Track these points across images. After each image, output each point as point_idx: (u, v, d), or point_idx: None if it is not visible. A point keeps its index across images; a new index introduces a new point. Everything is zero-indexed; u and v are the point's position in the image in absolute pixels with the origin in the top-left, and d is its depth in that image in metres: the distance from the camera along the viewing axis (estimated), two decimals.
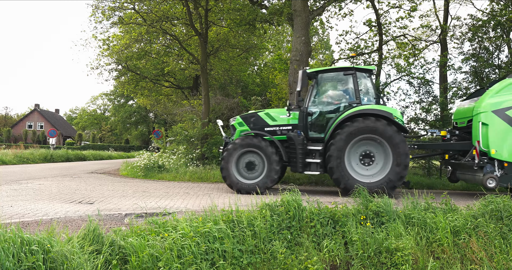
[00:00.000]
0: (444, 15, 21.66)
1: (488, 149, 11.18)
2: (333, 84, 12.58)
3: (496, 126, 11.19)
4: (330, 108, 12.20)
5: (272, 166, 11.53)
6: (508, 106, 11.21)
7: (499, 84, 11.85)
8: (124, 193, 10.64)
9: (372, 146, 11.33)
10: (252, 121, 12.56)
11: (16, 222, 6.23)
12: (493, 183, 10.92)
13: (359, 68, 12.08)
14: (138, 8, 23.28)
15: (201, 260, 5.66)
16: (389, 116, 11.05)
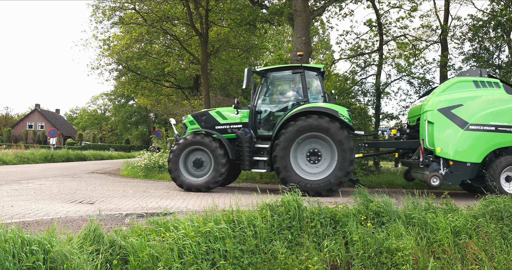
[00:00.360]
0: (444, 15, 21.67)
1: (433, 148, 11.21)
2: (282, 83, 12.80)
3: (441, 125, 11.22)
4: (279, 107, 12.39)
5: (218, 161, 11.64)
6: (454, 105, 11.25)
7: (446, 83, 11.91)
8: (125, 193, 10.64)
9: (318, 144, 11.49)
10: (203, 120, 12.73)
11: (17, 222, 6.23)
12: (437, 181, 10.94)
13: (308, 66, 12.21)
14: (139, 8, 23.31)
15: (202, 260, 5.66)
16: (334, 113, 11.16)
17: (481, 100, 11.26)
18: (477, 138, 11.07)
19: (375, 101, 21.58)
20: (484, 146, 11.09)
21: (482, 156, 11.11)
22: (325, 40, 46.21)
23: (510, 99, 11.30)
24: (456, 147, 11.07)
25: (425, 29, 23.69)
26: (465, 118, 11.10)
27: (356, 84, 22.81)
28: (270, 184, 14.51)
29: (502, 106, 11.20)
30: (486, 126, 11.06)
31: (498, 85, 11.49)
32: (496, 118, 11.09)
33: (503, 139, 11.10)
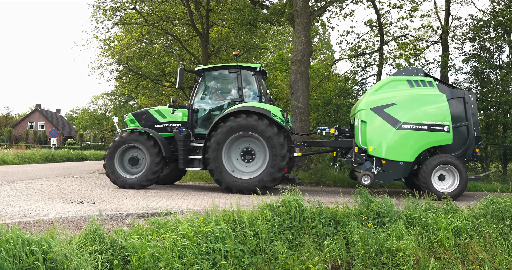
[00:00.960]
0: (445, 15, 21.66)
1: (366, 146, 11.28)
2: (218, 82, 12.97)
3: (374, 124, 11.29)
4: (215, 106, 12.56)
5: (151, 159, 11.81)
6: (387, 104, 11.31)
7: (380, 82, 11.98)
8: (125, 193, 10.65)
9: (252, 142, 11.69)
10: (143, 118, 12.92)
11: (17, 222, 6.23)
12: (368, 180, 11.03)
13: (244, 66, 12.36)
14: (139, 8, 23.33)
15: (203, 260, 5.65)
16: (266, 113, 11.25)
17: (414, 99, 11.37)
18: (409, 137, 11.13)
19: None
20: (417, 145, 11.14)
21: (414, 155, 11.18)
22: (325, 40, 46.20)
23: (443, 98, 11.36)
24: (389, 146, 11.14)
25: (426, 29, 23.70)
26: (397, 117, 11.18)
27: (357, 84, 22.81)
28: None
29: (435, 105, 11.28)
30: (418, 125, 11.12)
31: (431, 84, 11.58)
32: (428, 117, 11.17)
33: (435, 138, 11.17)
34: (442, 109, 11.20)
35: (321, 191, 12.84)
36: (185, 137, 11.97)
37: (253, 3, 20.18)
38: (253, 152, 11.68)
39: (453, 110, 11.49)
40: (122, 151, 12.20)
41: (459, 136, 11.55)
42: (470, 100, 11.64)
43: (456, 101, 11.65)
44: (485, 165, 18.64)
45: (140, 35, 23.99)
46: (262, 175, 11.25)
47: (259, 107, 11.41)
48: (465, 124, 11.59)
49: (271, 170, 11.19)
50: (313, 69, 23.22)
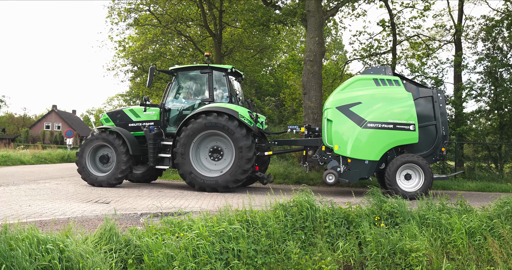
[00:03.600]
0: (458, 14, 21.49)
1: (332, 145, 11.27)
2: (190, 82, 13.21)
3: (340, 122, 11.30)
4: (186, 105, 12.78)
5: (119, 157, 12.06)
6: (352, 103, 11.30)
7: (347, 81, 11.97)
8: (140, 193, 10.74)
9: (221, 142, 11.92)
10: (118, 118, 13.27)
11: (34, 221, 6.33)
12: (333, 179, 11.13)
13: (215, 67, 12.53)
14: (153, 9, 23.50)
15: (216, 260, 5.70)
16: (234, 114, 11.40)
17: (380, 98, 11.35)
18: (374, 135, 11.11)
19: None
20: (382, 144, 11.14)
21: (380, 154, 11.17)
22: (337, 40, 46.05)
23: (409, 96, 11.32)
24: (354, 144, 11.15)
25: (439, 29, 23.52)
26: (363, 115, 11.17)
27: None
28: (283, 185, 14.52)
29: (400, 104, 11.26)
30: (384, 123, 11.10)
31: (398, 82, 11.53)
32: (394, 116, 11.13)
33: (401, 137, 11.12)
34: (408, 108, 11.17)
35: (333, 191, 12.83)
36: (155, 135, 12.21)
37: (265, 3, 20.21)
38: (221, 151, 11.96)
39: (421, 109, 11.49)
40: (93, 149, 12.56)
41: (428, 135, 11.55)
42: (438, 99, 11.60)
43: (424, 100, 11.63)
44: (499, 165, 18.47)
45: (154, 36, 24.16)
46: (226, 174, 11.45)
47: (227, 108, 11.60)
48: (434, 123, 11.55)
49: (235, 171, 11.39)
50: (325, 69, 23.18)
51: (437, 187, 14.33)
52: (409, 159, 11.04)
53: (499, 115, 19.04)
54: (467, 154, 20.01)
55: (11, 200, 8.84)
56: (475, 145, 19.26)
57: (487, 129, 19.76)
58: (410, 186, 11.13)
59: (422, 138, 11.34)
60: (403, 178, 11.19)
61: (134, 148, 12.19)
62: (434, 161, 11.76)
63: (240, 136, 11.34)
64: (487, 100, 19.77)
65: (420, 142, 11.29)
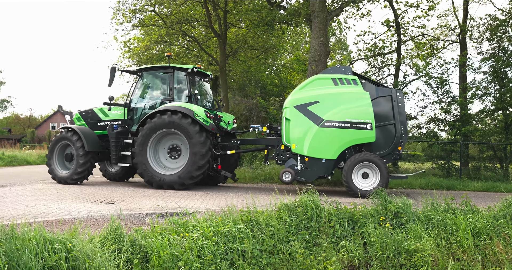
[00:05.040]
0: (463, 14, 21.43)
1: (290, 144, 11.45)
2: (153, 82, 13.58)
3: (297, 121, 11.42)
4: (149, 104, 13.09)
5: (77, 154, 12.60)
6: (310, 102, 11.41)
7: (306, 81, 12.08)
8: (145, 193, 10.78)
9: (178, 140, 12.29)
10: (88, 117, 13.70)
11: (40, 221, 6.37)
12: (289, 177, 11.34)
13: (177, 67, 12.89)
14: (158, 10, 23.54)
15: (221, 260, 5.72)
16: (189, 113, 11.70)
17: (337, 97, 11.44)
18: (332, 134, 11.21)
19: None
20: (339, 143, 11.22)
21: (337, 153, 11.26)
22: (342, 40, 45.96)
23: (367, 96, 11.36)
24: (311, 143, 11.26)
25: (443, 29, 23.47)
26: (320, 114, 11.28)
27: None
28: (288, 185, 14.51)
29: (357, 103, 11.33)
30: (341, 122, 11.18)
31: (356, 82, 11.58)
32: (351, 115, 11.21)
33: (358, 135, 11.19)
34: (365, 107, 11.23)
35: (338, 191, 12.81)
36: (118, 134, 12.65)
37: (270, 4, 20.21)
38: (179, 149, 12.32)
39: (381, 109, 11.56)
40: (59, 149, 13.15)
41: (386, 135, 11.57)
42: (397, 99, 11.61)
43: (383, 100, 11.67)
44: (504, 165, 18.39)
45: (159, 36, 24.20)
46: (181, 172, 11.74)
47: (184, 107, 11.91)
48: (392, 123, 11.56)
49: (189, 167, 11.65)
50: None
51: (442, 187, 14.30)
52: (365, 157, 11.14)
53: (505, 115, 18.95)
54: (473, 154, 19.94)
55: (17, 200, 8.90)
56: (480, 145, 19.18)
57: (492, 129, 19.68)
58: (367, 184, 11.20)
59: (381, 137, 11.44)
60: (360, 176, 11.28)
61: (90, 144, 12.59)
62: (393, 160, 11.83)
63: (193, 133, 11.62)
64: (492, 100, 19.70)
65: (379, 141, 11.38)
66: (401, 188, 14.33)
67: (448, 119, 19.49)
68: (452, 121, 19.15)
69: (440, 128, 19.96)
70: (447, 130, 19.70)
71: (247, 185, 14.22)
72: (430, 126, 20.14)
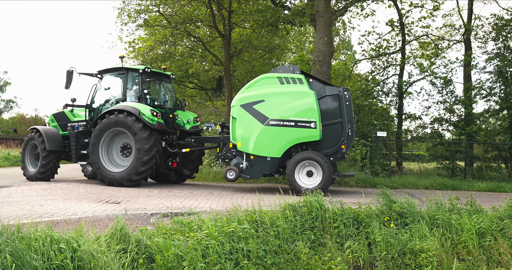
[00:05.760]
0: (468, 14, 21.38)
1: (236, 142, 11.75)
2: (111, 83, 13.98)
3: (243, 120, 11.71)
4: (106, 105, 13.58)
5: (41, 153, 13.43)
6: (256, 101, 11.65)
7: (252, 80, 12.27)
8: (150, 193, 10.81)
9: (128, 138, 12.66)
10: (60, 118, 14.41)
11: (46, 221, 6.40)
12: (233, 175, 11.65)
13: (130, 68, 13.42)
14: (163, 10, 23.58)
15: (226, 260, 5.73)
16: (135, 112, 12.11)
17: (283, 96, 11.60)
18: (276, 133, 11.40)
19: (398, 102, 21.42)
20: (284, 141, 11.39)
21: (281, 151, 11.43)
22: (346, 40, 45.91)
23: (311, 94, 11.45)
24: (256, 141, 11.53)
25: (448, 29, 23.42)
26: (265, 113, 11.49)
27: (378, 84, 22.68)
28: None
29: (302, 102, 11.43)
30: (285, 121, 11.35)
31: (301, 81, 11.66)
32: (295, 114, 11.36)
33: (302, 134, 11.32)
34: (309, 106, 11.35)
35: (342, 191, 12.82)
36: (78, 133, 13.32)
37: (274, 4, 20.22)
38: (130, 147, 12.76)
39: (328, 107, 11.67)
40: (30, 148, 14.07)
41: (334, 133, 11.63)
42: (345, 98, 11.66)
43: (331, 99, 11.76)
44: (509, 165, 18.34)
45: (163, 37, 24.25)
46: (129, 168, 12.16)
47: (130, 106, 12.40)
48: (339, 121, 11.61)
49: (135, 163, 12.04)
50: (334, 70, 23.15)
51: (446, 187, 14.27)
52: (306, 156, 11.29)
53: (510, 115, 18.92)
54: (477, 154, 19.91)
55: (23, 200, 8.95)
56: (485, 145, 19.14)
57: (497, 129, 19.63)
58: (311, 182, 11.29)
59: (328, 136, 11.52)
60: (305, 174, 11.42)
61: (51, 144, 13.36)
62: (339, 159, 11.88)
63: (137, 130, 12.03)
64: (497, 100, 19.65)
65: (326, 140, 11.48)
66: (406, 188, 14.32)
67: (452, 119, 19.46)
68: (457, 121, 19.12)
69: (444, 128, 19.94)
70: (451, 130, 19.67)
71: (251, 185, 14.24)
72: (435, 126, 20.12)
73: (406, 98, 21.38)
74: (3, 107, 73.98)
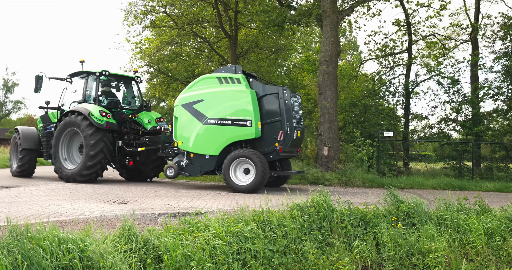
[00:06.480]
0: (475, 13, 21.30)
1: (177, 140, 12.26)
2: (77, 85, 14.66)
3: (184, 119, 12.17)
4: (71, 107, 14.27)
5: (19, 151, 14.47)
6: (196, 100, 12.06)
7: (194, 80, 12.66)
8: (157, 193, 10.84)
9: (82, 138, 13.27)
10: (45, 119, 15.11)
11: (54, 221, 6.42)
12: (173, 172, 12.21)
13: (90, 71, 14.15)
14: (169, 11, 23.66)
15: (233, 260, 5.72)
16: (85, 112, 12.88)
17: (220, 95, 11.96)
18: (214, 131, 11.79)
19: (404, 102, 21.35)
20: (221, 139, 11.76)
21: (219, 149, 11.79)
22: (352, 40, 45.85)
23: (248, 94, 11.69)
24: (196, 140, 11.95)
25: (455, 28, 23.33)
26: (204, 112, 11.90)
27: (385, 84, 22.62)
28: (299, 185, 14.53)
29: (238, 101, 11.78)
30: (222, 120, 11.72)
31: (239, 80, 11.91)
32: (232, 112, 11.71)
33: (238, 132, 11.64)
34: (245, 105, 11.64)
35: (349, 191, 12.79)
36: (48, 133, 14.28)
37: (280, 4, 20.23)
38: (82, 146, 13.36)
39: (268, 106, 11.91)
40: (15, 147, 15.03)
41: (274, 132, 11.76)
42: (283, 96, 11.82)
43: (271, 97, 11.96)
44: None
45: (170, 37, 24.32)
46: (79, 165, 13.00)
47: (82, 107, 13.21)
48: (278, 120, 11.76)
49: (84, 160, 12.87)
50: (340, 70, 23.13)
51: (454, 187, 14.21)
52: (240, 153, 11.54)
53: None
54: (485, 154, 19.80)
55: (31, 200, 8.99)
56: (493, 145, 19.03)
57: (504, 129, 19.52)
58: (247, 180, 11.56)
59: (268, 135, 11.72)
60: (242, 172, 11.64)
61: (26, 142, 14.39)
62: (277, 157, 12.01)
63: (84, 127, 12.82)
64: (505, 99, 19.54)
65: (266, 138, 11.72)
66: (413, 189, 14.27)
67: (459, 118, 19.37)
68: (464, 120, 19.03)
69: (451, 128, 19.86)
70: (458, 130, 19.59)
71: None
72: (441, 126, 20.04)
73: (413, 98, 21.32)
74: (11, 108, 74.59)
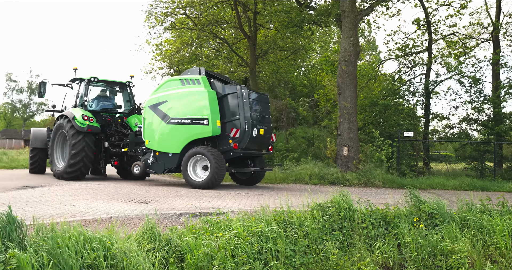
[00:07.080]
0: (496, 12, 21.00)
1: (145, 140, 12.97)
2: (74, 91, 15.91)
3: (150, 120, 12.95)
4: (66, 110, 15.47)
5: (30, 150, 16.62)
6: (160, 101, 12.80)
7: (160, 83, 13.29)
8: (178, 193, 10.93)
9: None
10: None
11: (78, 220, 6.53)
12: (139, 169, 13.03)
13: (81, 78, 15.38)
14: (189, 13, 23.82)
15: (255, 260, 5.75)
16: (69, 116, 14.03)
17: (182, 96, 12.61)
18: (175, 130, 12.47)
19: (425, 101, 21.15)
20: (182, 138, 12.40)
21: (180, 147, 12.41)
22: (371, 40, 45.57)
23: (205, 94, 12.21)
24: (160, 139, 12.70)
25: (476, 27, 23.02)
26: (167, 112, 12.61)
27: (404, 84, 22.44)
28: (319, 185, 14.50)
29: (197, 101, 12.35)
30: (183, 119, 12.37)
31: (199, 81, 12.54)
32: (191, 112, 12.30)
33: (197, 131, 12.23)
34: (203, 104, 12.18)
35: (369, 192, 12.73)
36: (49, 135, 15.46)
37: (299, 4, 20.21)
38: None
39: (229, 105, 12.42)
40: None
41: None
42: (242, 95, 12.19)
43: (231, 97, 12.44)
44: None
45: (190, 39, 24.50)
46: (65, 163, 14.05)
47: (70, 112, 14.33)
48: (237, 118, 12.14)
49: (68, 158, 13.79)
50: (359, 70, 23.03)
51: (475, 188, 14.03)
52: (196, 151, 12.04)
53: None
54: (506, 155, 19.49)
55: (55, 200, 9.15)
56: None
57: None
58: (205, 176, 12.01)
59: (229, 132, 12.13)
60: (201, 168, 12.25)
61: (34, 142, 16.13)
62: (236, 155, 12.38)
63: (68, 129, 13.94)
64: None
65: (226, 136, 12.14)
66: (434, 189, 14.13)
67: (480, 118, 19.11)
68: (485, 120, 18.77)
69: (472, 128, 19.60)
70: (480, 130, 19.32)
71: (278, 186, 14.26)
72: (462, 126, 19.79)
73: (433, 97, 21.10)
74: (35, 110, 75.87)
